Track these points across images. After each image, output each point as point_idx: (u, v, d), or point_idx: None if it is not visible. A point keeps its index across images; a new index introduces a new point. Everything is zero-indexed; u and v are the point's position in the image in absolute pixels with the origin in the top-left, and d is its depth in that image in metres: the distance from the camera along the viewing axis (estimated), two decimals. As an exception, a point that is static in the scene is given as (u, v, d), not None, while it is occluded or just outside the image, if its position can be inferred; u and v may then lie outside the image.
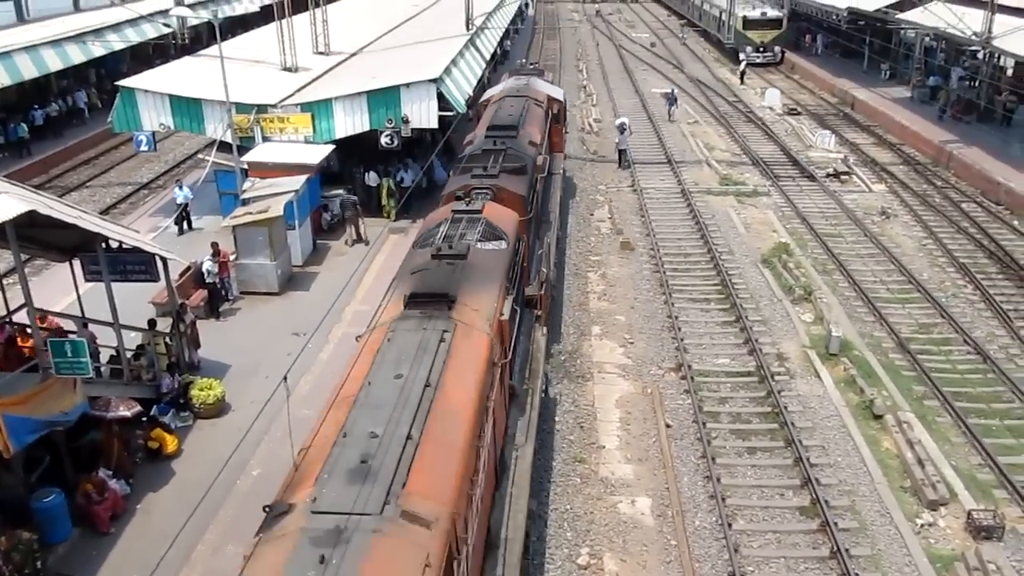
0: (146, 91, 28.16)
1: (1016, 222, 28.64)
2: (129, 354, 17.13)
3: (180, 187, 27.93)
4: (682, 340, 21.08)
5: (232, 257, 23.03)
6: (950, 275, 24.90)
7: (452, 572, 8.49)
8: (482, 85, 35.28)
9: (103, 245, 16.34)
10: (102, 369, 16.82)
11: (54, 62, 39.34)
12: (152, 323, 18.41)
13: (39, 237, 16.27)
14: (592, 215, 30.35)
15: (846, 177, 33.97)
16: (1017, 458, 16.45)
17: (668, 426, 17.73)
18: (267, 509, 8.71)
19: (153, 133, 28.95)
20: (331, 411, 10.18)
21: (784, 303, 23.06)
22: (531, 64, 40.11)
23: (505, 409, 13.56)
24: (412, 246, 15.96)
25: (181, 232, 27.22)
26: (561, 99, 31.46)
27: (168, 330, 18.62)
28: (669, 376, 19.72)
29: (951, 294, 23.59)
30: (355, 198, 27.45)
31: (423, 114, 27.50)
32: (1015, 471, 15.95)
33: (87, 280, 17.36)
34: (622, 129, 36.39)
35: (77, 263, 17.18)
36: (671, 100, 44.37)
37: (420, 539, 8.09)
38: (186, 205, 27.50)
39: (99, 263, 16.43)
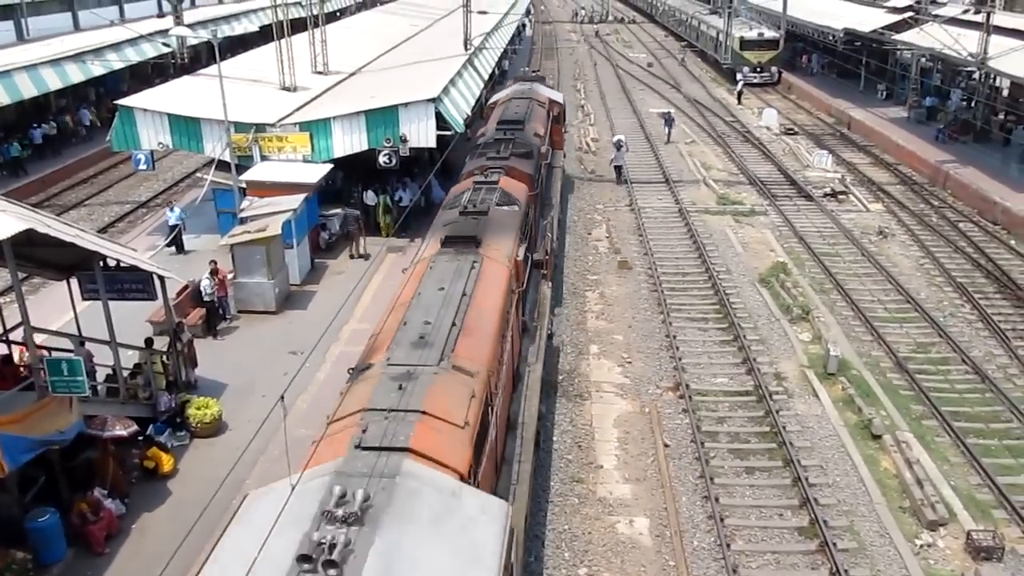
0: (145, 110, 28.22)
1: (1013, 242, 28.72)
2: (126, 373, 17.09)
3: (172, 209, 27.99)
4: (680, 359, 21.06)
5: (230, 276, 23.03)
6: (948, 294, 24.92)
7: (488, 410, 11.55)
8: (480, 104, 35.43)
9: (100, 263, 16.32)
10: (99, 388, 16.76)
11: (53, 81, 39.52)
12: (149, 342, 18.38)
13: (37, 255, 16.26)
14: (590, 234, 30.39)
15: (843, 197, 34.08)
16: (1016, 478, 16.42)
17: (666, 446, 17.67)
18: (351, 370, 12.04)
19: (152, 152, 29.00)
20: (390, 315, 13.32)
21: (782, 322, 23.05)
22: (533, 71, 42.26)
23: (520, 335, 16.45)
24: (441, 209, 19.74)
25: (178, 252, 27.10)
26: (561, 102, 33.82)
27: (165, 349, 18.58)
28: (667, 396, 19.68)
29: (949, 313, 23.61)
30: (357, 212, 27.72)
31: (421, 133, 27.58)
32: (1014, 491, 15.91)
33: (84, 299, 17.35)
34: (618, 146, 37.25)
35: (75, 281, 17.17)
36: (668, 122, 44.38)
37: (466, 381, 11.30)
38: (178, 227, 27.32)
39: (96, 281, 16.42)
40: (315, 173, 26.96)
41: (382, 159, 27.49)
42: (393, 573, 7.69)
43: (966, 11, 42.94)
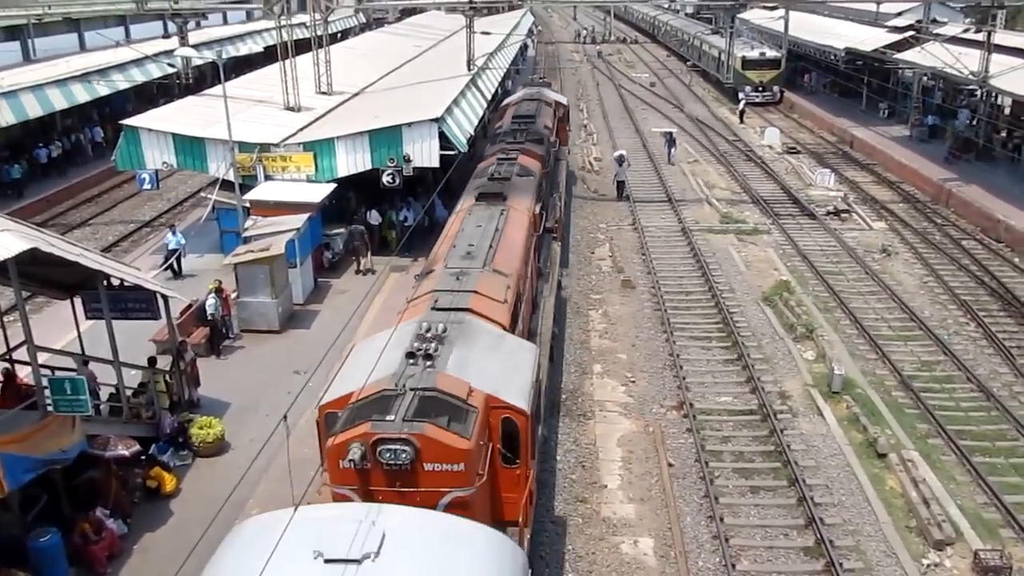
0: (150, 130, 28.39)
1: (1017, 259, 28.69)
2: (129, 392, 17.07)
3: (173, 232, 27.50)
4: (684, 378, 21.01)
5: (234, 295, 23.05)
6: (952, 312, 24.87)
7: (519, 297, 16.30)
8: (483, 124, 35.58)
9: (104, 282, 16.35)
10: (101, 407, 16.76)
11: (59, 101, 39.73)
12: (152, 361, 18.37)
13: (40, 275, 16.29)
14: (593, 253, 30.41)
15: (846, 215, 34.10)
16: (1023, 496, 16.31)
17: (670, 465, 17.59)
18: (417, 276, 17.58)
19: (156, 171, 29.11)
20: (441, 245, 18.35)
21: (786, 341, 23.00)
22: (541, 79, 49.05)
23: (536, 276, 20.28)
24: (472, 177, 24.42)
25: (175, 276, 26.73)
26: (565, 104, 38.32)
27: (168, 368, 18.57)
28: (671, 415, 19.62)
29: (953, 331, 23.55)
30: (362, 228, 27.90)
31: (425, 153, 27.69)
32: (1022, 510, 15.80)
33: (88, 318, 17.36)
34: (620, 161, 38.33)
35: (78, 301, 17.19)
36: (670, 142, 44.34)
37: (502, 278, 15.95)
38: (177, 252, 26.75)
39: (100, 301, 16.43)
40: (319, 193, 27.05)
41: (386, 179, 27.58)
42: (467, 367, 12.29)
43: (967, 30, 43.14)
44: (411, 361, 11.85)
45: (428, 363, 11.91)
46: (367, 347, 13.52)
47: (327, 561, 8.15)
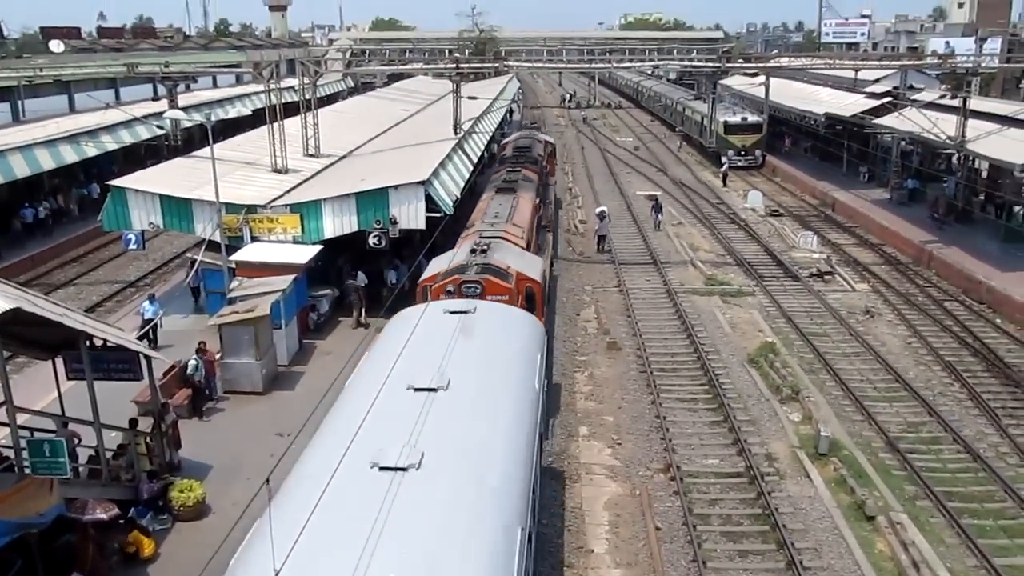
0: (137, 191, 28.48)
1: (999, 320, 28.93)
2: (109, 454, 16.81)
3: (151, 301, 26.48)
4: (670, 440, 20.89)
5: (217, 356, 22.90)
6: (936, 373, 24.96)
7: (530, 239, 27.32)
8: (470, 187, 35.97)
9: (87, 343, 16.22)
10: (80, 470, 16.48)
11: (47, 161, 39.96)
12: (133, 423, 18.15)
13: (22, 334, 16.14)
14: (578, 315, 30.45)
15: (829, 277, 34.39)
16: (1013, 559, 16.18)
17: (658, 529, 17.38)
18: (463, 234, 27.23)
19: (142, 232, 29.13)
20: (475, 215, 29.39)
21: (772, 402, 22.98)
22: (531, 123, 65.82)
23: (538, 232, 31.13)
24: (488, 183, 36.37)
25: (150, 347, 25.96)
26: (552, 142, 52.62)
27: (149, 430, 18.33)
28: (658, 477, 19.45)
29: (938, 392, 23.59)
30: (358, 283, 28.12)
31: (411, 215, 27.87)
32: (1012, 573, 15.67)
33: (69, 378, 17.18)
34: (602, 217, 39.97)
35: (60, 361, 17.02)
36: (656, 208, 44.20)
37: (519, 228, 27.06)
38: (153, 322, 25.47)
39: (82, 361, 16.28)
40: (305, 254, 27.08)
41: (372, 240, 27.72)
42: (505, 258, 22.76)
43: (943, 96, 44.04)
44: (473, 253, 22.68)
45: (483, 254, 22.67)
46: (440, 258, 23.75)
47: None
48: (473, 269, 21.66)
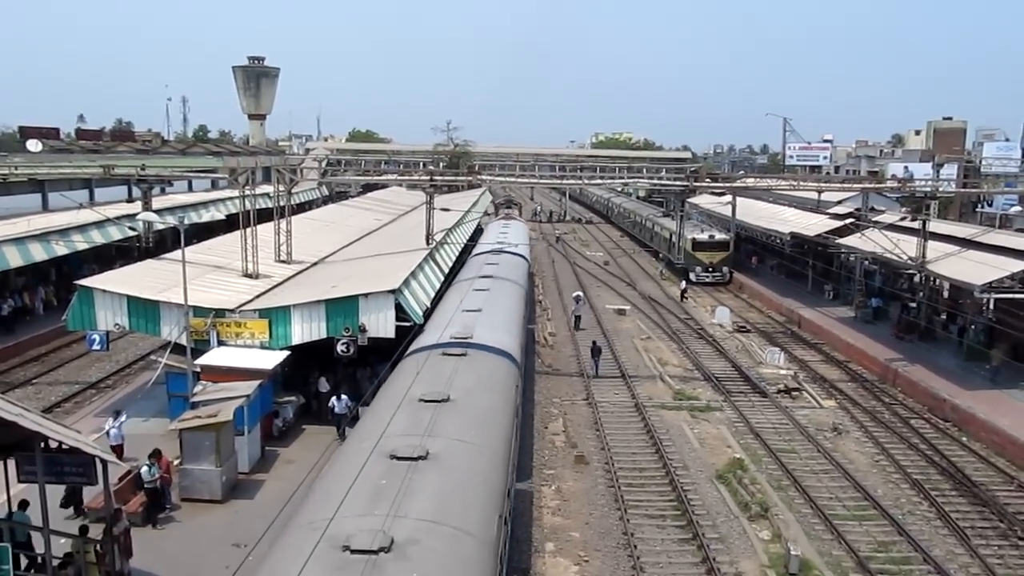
0: (104, 291, 28.24)
1: (964, 438, 29.04)
2: (56, 562, 16.11)
3: (116, 416, 24.88)
4: (639, 558, 20.45)
5: (176, 462, 22.31)
6: (904, 491, 24.84)
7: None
8: (439, 297, 36.07)
9: (42, 444, 15.74)
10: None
11: (15, 259, 39.64)
12: (84, 529, 17.48)
13: (-25, 435, 15.66)
14: (547, 428, 30.17)
15: (796, 393, 34.52)
16: None
17: (625, 650, 16.85)
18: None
19: (107, 332, 28.76)
20: (487, 230, 59.94)
21: (741, 520, 22.67)
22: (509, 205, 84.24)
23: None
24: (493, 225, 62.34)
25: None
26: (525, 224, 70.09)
27: (100, 537, 17.64)
28: (626, 595, 18.95)
29: (907, 511, 23.43)
30: (319, 388, 28.01)
31: (380, 324, 27.80)
32: None
33: (20, 481, 16.63)
34: (577, 300, 47.56)
35: (12, 462, 16.48)
36: (595, 351, 38.20)
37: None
38: (120, 446, 24.14)
39: (35, 463, 15.76)
40: (272, 360, 26.79)
41: (340, 347, 27.54)
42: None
43: (903, 218, 45.38)
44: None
45: None
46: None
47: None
48: None
